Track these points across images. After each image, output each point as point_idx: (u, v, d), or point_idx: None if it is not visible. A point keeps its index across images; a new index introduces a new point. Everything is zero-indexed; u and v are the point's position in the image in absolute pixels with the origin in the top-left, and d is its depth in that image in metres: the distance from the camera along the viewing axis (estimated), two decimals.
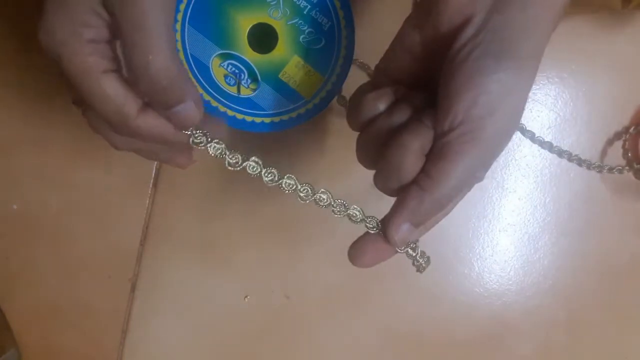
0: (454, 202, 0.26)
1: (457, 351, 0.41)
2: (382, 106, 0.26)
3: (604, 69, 0.39)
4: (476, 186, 0.40)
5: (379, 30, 0.28)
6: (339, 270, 0.40)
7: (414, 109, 0.25)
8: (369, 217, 0.26)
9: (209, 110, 0.34)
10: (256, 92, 0.34)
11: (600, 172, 0.40)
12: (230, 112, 0.34)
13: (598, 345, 0.41)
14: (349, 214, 0.26)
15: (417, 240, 0.28)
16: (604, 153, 0.40)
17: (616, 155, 0.40)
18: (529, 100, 0.39)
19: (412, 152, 0.24)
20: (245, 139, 0.39)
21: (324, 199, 0.27)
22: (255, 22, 0.33)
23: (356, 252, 0.27)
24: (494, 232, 0.41)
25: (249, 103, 0.34)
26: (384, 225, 0.26)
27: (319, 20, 0.33)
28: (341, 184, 0.27)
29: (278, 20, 0.33)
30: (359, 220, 0.26)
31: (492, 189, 0.40)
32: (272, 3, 0.33)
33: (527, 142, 0.40)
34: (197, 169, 0.39)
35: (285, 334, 0.41)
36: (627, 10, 0.35)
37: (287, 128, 0.34)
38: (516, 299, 0.41)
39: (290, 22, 0.33)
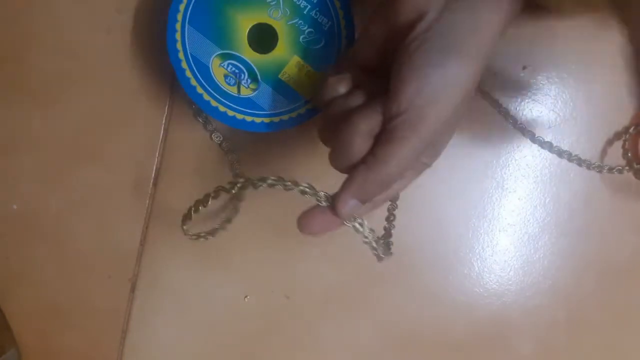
0: (400, 184, 0.29)
1: (457, 351, 0.41)
2: (342, 89, 0.28)
3: (604, 69, 0.39)
4: (476, 186, 0.40)
5: None
6: (339, 270, 0.40)
7: (369, 94, 0.28)
8: (320, 191, 0.28)
9: (208, 110, 0.34)
10: (256, 92, 0.34)
11: (600, 172, 0.40)
12: (230, 112, 0.34)
13: (598, 345, 0.41)
14: (300, 189, 0.29)
15: (390, 230, 0.30)
16: (604, 153, 0.40)
17: (616, 155, 0.40)
18: (529, 100, 0.39)
19: (359, 133, 0.26)
20: (245, 138, 0.39)
21: (274, 182, 0.29)
22: (255, 22, 0.33)
23: (306, 220, 0.28)
24: (494, 232, 0.41)
25: (249, 103, 0.34)
26: (333, 199, 0.28)
27: (319, 20, 0.33)
28: (340, 184, 0.28)
29: (278, 20, 0.33)
30: (310, 194, 0.28)
31: (492, 189, 0.40)
32: (272, 3, 0.33)
33: (527, 142, 0.40)
34: (197, 168, 0.39)
35: (285, 334, 0.41)
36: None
37: (286, 128, 0.34)
38: (516, 299, 0.41)
39: (290, 22, 0.33)
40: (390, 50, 0.27)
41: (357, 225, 0.29)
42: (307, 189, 0.28)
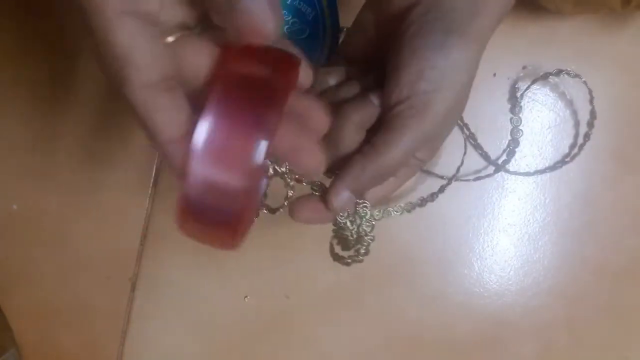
0: (394, 184, 0.28)
1: (457, 351, 0.41)
2: (332, 81, 0.28)
3: (604, 69, 0.39)
4: (476, 186, 0.40)
5: None
6: (339, 271, 0.40)
7: (363, 87, 0.27)
8: (316, 181, 0.27)
9: None
10: None
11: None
12: None
13: (598, 345, 0.41)
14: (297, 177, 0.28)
15: (371, 234, 0.28)
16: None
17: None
18: (529, 100, 0.39)
19: (350, 122, 0.25)
20: None
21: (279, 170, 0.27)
22: None
23: (297, 207, 0.27)
24: (494, 232, 0.40)
25: None
26: (327, 190, 0.26)
27: (303, 9, 0.33)
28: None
29: None
30: (306, 182, 0.28)
31: (492, 189, 0.40)
32: None
33: (527, 142, 0.40)
34: None
35: (285, 334, 0.41)
36: (627, 10, 0.35)
37: None
38: (516, 299, 0.41)
39: None
40: (382, 40, 0.26)
41: (348, 224, 0.27)
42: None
